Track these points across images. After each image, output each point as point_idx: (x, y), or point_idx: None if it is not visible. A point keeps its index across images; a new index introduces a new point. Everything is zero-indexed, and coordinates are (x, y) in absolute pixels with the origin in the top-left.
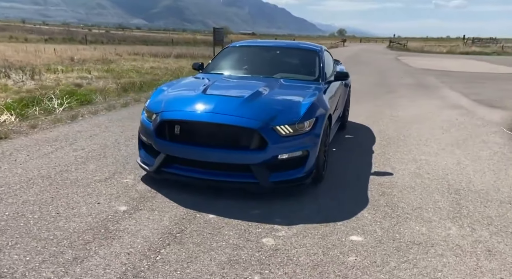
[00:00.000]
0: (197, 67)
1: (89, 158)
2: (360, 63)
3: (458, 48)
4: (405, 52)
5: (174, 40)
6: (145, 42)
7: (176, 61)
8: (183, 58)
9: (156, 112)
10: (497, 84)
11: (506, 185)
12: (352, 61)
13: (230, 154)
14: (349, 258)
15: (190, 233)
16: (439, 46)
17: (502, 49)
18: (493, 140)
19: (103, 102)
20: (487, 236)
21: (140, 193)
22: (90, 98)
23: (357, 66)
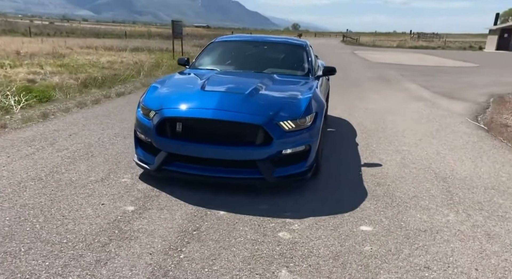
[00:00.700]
0: (183, 62)
1: (76, 158)
2: (321, 58)
3: (407, 43)
4: (359, 47)
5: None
6: (97, 35)
7: (134, 55)
8: (140, 52)
9: (155, 109)
10: (450, 77)
11: (485, 172)
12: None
13: (235, 150)
14: (365, 247)
15: (206, 230)
16: (389, 40)
17: (444, 43)
18: (462, 130)
19: (66, 100)
20: (482, 221)
21: (143, 192)
22: (49, 95)
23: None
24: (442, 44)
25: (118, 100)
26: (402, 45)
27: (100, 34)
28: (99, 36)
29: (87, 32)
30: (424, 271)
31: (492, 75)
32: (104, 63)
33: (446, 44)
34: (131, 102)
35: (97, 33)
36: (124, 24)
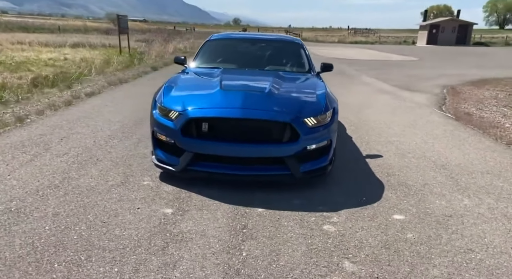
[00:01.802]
0: (180, 61)
1: (82, 163)
2: None
3: (347, 38)
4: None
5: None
6: (25, 29)
7: (75, 51)
8: (81, 48)
9: (179, 110)
10: (399, 70)
11: (474, 158)
12: None
13: (263, 148)
14: (407, 235)
15: (254, 228)
16: (329, 36)
17: (379, 38)
18: (435, 120)
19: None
20: (494, 203)
21: (173, 194)
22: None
23: None
24: (377, 39)
25: (91, 101)
26: (343, 40)
27: (29, 28)
28: (28, 31)
29: (14, 26)
30: (469, 253)
31: (434, 68)
32: (46, 60)
33: (381, 39)
34: (107, 102)
35: (25, 27)
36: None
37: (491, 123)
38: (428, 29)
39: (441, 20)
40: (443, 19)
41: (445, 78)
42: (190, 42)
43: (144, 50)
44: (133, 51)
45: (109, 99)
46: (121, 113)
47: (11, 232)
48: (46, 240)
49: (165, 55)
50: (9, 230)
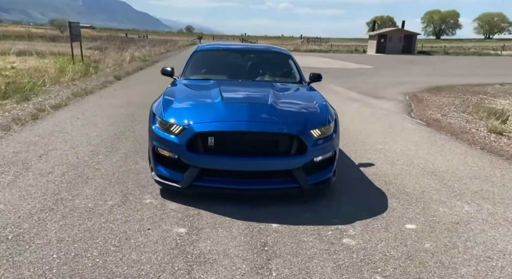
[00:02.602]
0: (168, 72)
1: (72, 182)
2: None
3: (301, 46)
4: None
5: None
6: None
7: (21, 59)
8: (27, 56)
9: (182, 124)
10: (359, 78)
11: (458, 164)
12: None
13: (272, 161)
14: (425, 245)
15: (275, 245)
16: (284, 44)
17: (331, 47)
18: (409, 126)
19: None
20: (492, 208)
21: (180, 212)
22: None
23: None
24: (330, 48)
25: (60, 114)
26: (298, 48)
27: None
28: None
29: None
30: (489, 261)
31: (390, 75)
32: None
33: (333, 48)
34: (77, 115)
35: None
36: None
37: (459, 128)
38: (377, 39)
39: (388, 30)
40: (390, 30)
41: (404, 86)
42: (146, 50)
43: (99, 58)
44: (87, 59)
45: (79, 112)
46: (97, 127)
47: (16, 263)
48: (58, 270)
49: (123, 64)
50: (13, 262)
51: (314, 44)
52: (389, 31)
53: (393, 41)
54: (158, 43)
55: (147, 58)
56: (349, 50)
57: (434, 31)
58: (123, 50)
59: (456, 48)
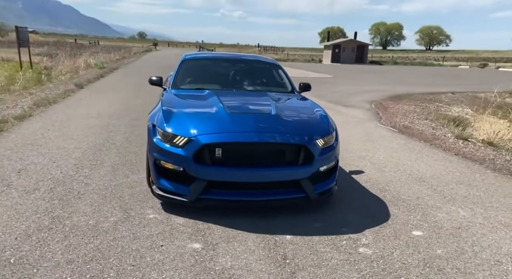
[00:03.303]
0: (157, 82)
1: (63, 198)
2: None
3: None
4: None
5: None
6: None
7: None
8: None
9: (188, 136)
10: (323, 86)
11: (440, 169)
12: None
13: (281, 171)
14: (437, 251)
15: (295, 257)
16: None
17: (287, 56)
18: (384, 133)
19: None
20: (485, 212)
21: (189, 226)
22: None
23: None
24: (286, 57)
25: (27, 125)
26: None
27: None
28: None
29: None
30: (500, 265)
31: (351, 84)
32: None
33: (289, 57)
34: (47, 126)
35: None
36: None
37: (430, 135)
38: (332, 49)
39: (342, 41)
40: (344, 40)
41: (367, 94)
42: (101, 56)
43: (51, 65)
44: (36, 66)
45: (48, 123)
46: (72, 139)
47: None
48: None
49: (79, 71)
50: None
51: (272, 52)
52: (343, 42)
53: (347, 51)
54: (111, 49)
55: (105, 65)
56: (306, 59)
57: (381, 42)
58: (76, 57)
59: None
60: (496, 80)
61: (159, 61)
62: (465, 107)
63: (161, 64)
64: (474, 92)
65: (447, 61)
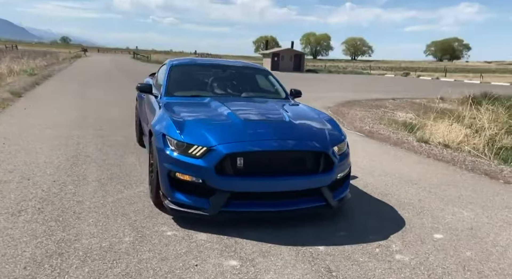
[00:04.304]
0: (147, 89)
1: (60, 219)
2: (141, 76)
3: None
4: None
5: None
6: None
7: None
8: None
9: (207, 145)
10: None
11: (421, 172)
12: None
13: (302, 179)
14: (467, 253)
15: (338, 269)
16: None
17: None
18: (356, 138)
19: None
20: (484, 212)
21: (216, 242)
22: None
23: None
24: None
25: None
26: None
27: None
28: None
29: None
30: None
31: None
32: None
33: None
34: (12, 144)
35: None
36: None
37: (396, 139)
38: (271, 57)
39: (281, 50)
40: (282, 49)
41: (319, 101)
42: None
43: None
44: None
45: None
46: (37, 152)
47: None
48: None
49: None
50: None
51: None
52: (281, 50)
53: (285, 60)
54: (34, 54)
55: (35, 72)
56: None
57: (311, 52)
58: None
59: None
60: (422, 87)
61: (95, 67)
62: (408, 112)
63: (98, 70)
64: (411, 98)
65: (373, 70)
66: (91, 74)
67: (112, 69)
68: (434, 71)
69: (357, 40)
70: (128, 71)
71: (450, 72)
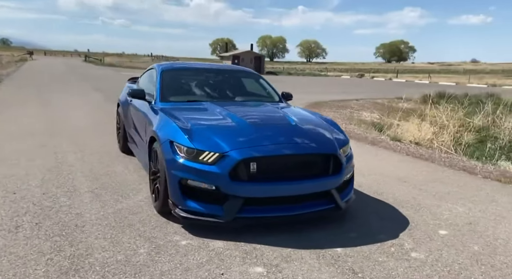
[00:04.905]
0: (140, 94)
1: (63, 234)
2: (100, 80)
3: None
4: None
5: None
6: None
7: None
8: None
9: (220, 151)
10: None
11: (409, 170)
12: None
13: (314, 182)
14: (474, 247)
15: (363, 270)
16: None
17: None
18: None
19: None
20: (475, 207)
21: (234, 249)
22: None
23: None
24: None
25: None
26: None
27: None
28: None
29: None
30: None
31: None
32: None
33: None
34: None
35: None
36: None
37: (372, 138)
38: (232, 59)
39: (241, 52)
40: (242, 51)
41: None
42: None
43: None
44: None
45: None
46: (13, 164)
47: None
48: None
49: None
50: None
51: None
52: (241, 53)
53: (245, 62)
54: None
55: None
56: None
57: (268, 54)
58: None
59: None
60: (379, 87)
61: (48, 71)
62: (373, 112)
63: (53, 74)
64: (372, 98)
65: (329, 72)
66: (47, 79)
67: (66, 73)
68: (386, 72)
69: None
70: (85, 75)
71: (400, 73)
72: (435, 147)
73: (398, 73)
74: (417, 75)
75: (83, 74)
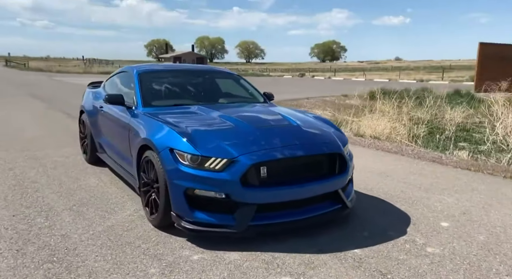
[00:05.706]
0: (119, 100)
1: (55, 260)
2: (34, 87)
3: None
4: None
5: None
6: None
7: None
8: None
9: (227, 157)
10: None
11: (385, 164)
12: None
13: (324, 183)
14: (480, 237)
15: (390, 271)
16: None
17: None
18: None
19: None
20: (462, 197)
21: (254, 260)
22: None
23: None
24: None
25: None
26: (89, 70)
27: None
28: None
29: None
30: None
31: None
32: None
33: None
34: None
35: None
36: None
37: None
38: (173, 61)
39: (182, 53)
40: (184, 52)
41: None
42: None
43: None
44: None
45: None
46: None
47: None
48: None
49: None
50: None
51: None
52: (183, 54)
53: (187, 63)
54: None
55: None
56: None
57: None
58: None
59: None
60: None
61: None
62: (325, 110)
63: None
64: (321, 96)
65: (271, 72)
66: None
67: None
68: (323, 71)
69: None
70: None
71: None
72: (396, 141)
73: (335, 72)
74: (351, 73)
75: (13, 81)
